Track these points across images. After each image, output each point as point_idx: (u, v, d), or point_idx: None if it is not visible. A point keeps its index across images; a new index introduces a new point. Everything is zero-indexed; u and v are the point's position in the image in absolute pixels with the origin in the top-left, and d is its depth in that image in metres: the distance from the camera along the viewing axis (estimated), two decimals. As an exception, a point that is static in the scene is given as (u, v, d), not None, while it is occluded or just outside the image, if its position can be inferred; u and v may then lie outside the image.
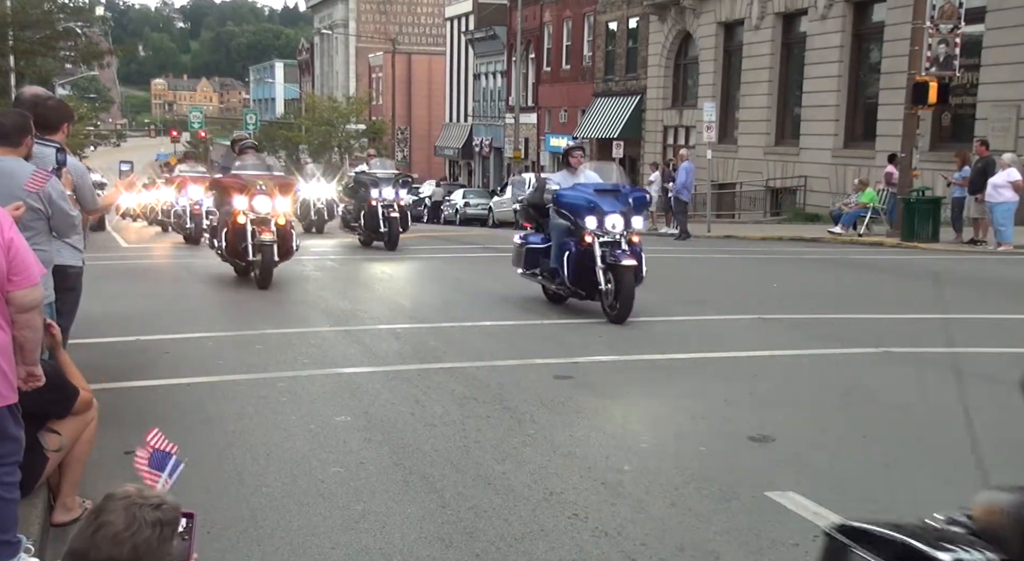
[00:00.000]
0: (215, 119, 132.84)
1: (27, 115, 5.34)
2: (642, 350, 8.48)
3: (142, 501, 2.17)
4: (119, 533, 2.11)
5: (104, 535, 2.11)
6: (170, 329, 9.71)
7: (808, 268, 16.07)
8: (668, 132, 37.08)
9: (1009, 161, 17.33)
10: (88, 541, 2.12)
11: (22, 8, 29.97)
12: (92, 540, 2.12)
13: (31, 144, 5.28)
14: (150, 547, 2.14)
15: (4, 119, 5.20)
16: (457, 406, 6.71)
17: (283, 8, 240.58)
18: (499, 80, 52.71)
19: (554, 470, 5.38)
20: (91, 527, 2.13)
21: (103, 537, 2.11)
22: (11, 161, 5.10)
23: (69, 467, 4.51)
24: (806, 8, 28.28)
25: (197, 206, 19.62)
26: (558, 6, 45.36)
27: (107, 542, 2.10)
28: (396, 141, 60.77)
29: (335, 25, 78.91)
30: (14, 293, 3.66)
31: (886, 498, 4.93)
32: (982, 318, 10.46)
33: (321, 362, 8.16)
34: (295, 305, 11.63)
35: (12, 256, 3.64)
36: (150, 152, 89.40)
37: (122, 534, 2.11)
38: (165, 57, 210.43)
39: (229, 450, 5.76)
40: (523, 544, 4.38)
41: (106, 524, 2.12)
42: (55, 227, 5.45)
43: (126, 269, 16.15)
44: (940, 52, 20.15)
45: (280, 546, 4.37)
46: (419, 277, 15.32)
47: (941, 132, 23.97)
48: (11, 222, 3.76)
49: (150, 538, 2.14)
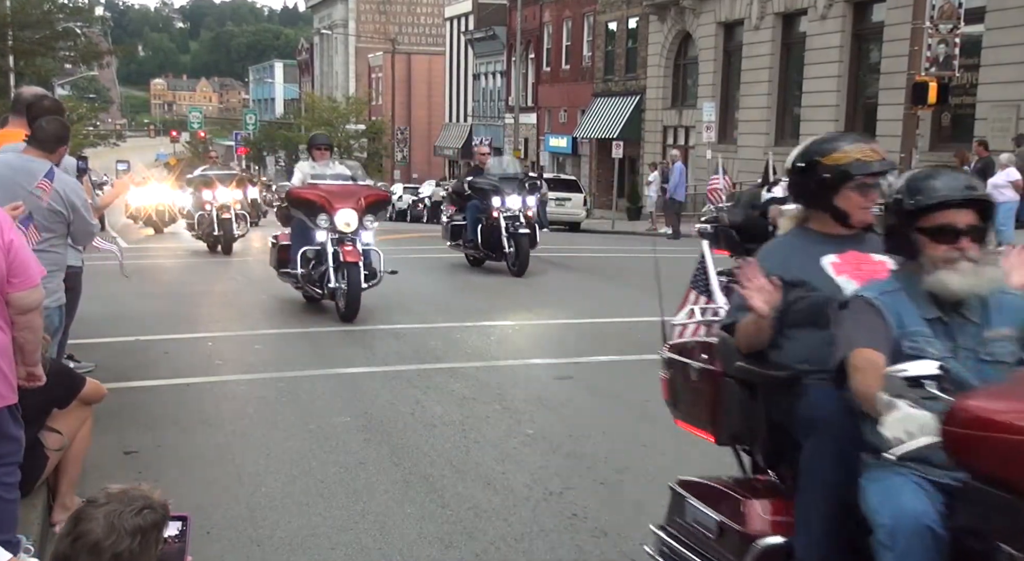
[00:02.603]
0: (214, 119, 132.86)
1: (67, 126, 5.50)
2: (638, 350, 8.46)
3: (122, 508, 2.12)
4: (98, 542, 2.07)
5: (84, 544, 2.07)
6: (170, 329, 9.71)
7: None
8: (668, 132, 37.05)
9: (1007, 161, 17.33)
10: (67, 548, 2.09)
11: (21, 8, 29.95)
12: (71, 548, 2.08)
13: (64, 154, 5.43)
14: (132, 555, 2.10)
15: (47, 125, 5.31)
16: (457, 406, 6.71)
17: (283, 8, 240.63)
18: (499, 80, 52.70)
19: (554, 470, 5.38)
20: (71, 535, 2.10)
21: (82, 546, 2.07)
22: (38, 163, 5.17)
23: (67, 466, 4.51)
24: (806, 8, 28.27)
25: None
26: (558, 6, 45.34)
27: (85, 551, 2.07)
28: (396, 141, 60.79)
29: (335, 25, 78.89)
30: (14, 295, 3.66)
31: (886, 498, 4.92)
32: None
33: (321, 362, 8.16)
34: (295, 305, 11.62)
35: (12, 258, 3.63)
36: (149, 152, 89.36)
37: (102, 544, 2.07)
38: (164, 57, 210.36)
39: (229, 450, 5.76)
40: (523, 544, 4.38)
41: (85, 533, 2.08)
42: (74, 234, 5.51)
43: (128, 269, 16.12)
44: (940, 52, 20.14)
45: (280, 546, 4.37)
46: (418, 277, 15.30)
47: (941, 132, 23.96)
48: (11, 224, 3.76)
49: (131, 546, 2.09)
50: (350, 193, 10.16)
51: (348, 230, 9.82)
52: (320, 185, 10.17)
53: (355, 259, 9.61)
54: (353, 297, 9.68)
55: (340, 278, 9.74)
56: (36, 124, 5.41)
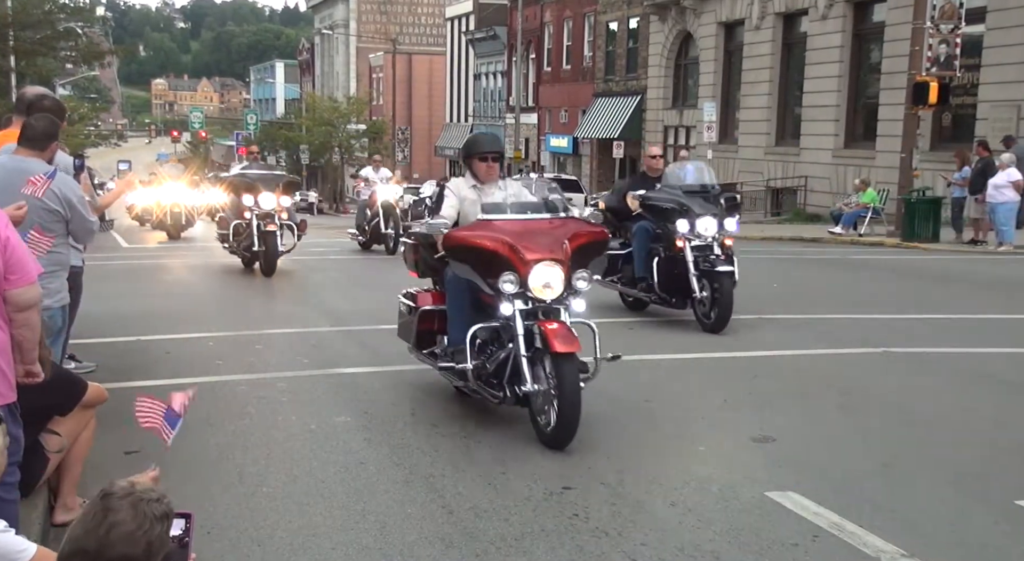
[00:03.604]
0: (215, 119, 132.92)
1: (57, 123, 5.48)
2: (638, 350, 8.47)
3: (144, 496, 2.20)
4: (132, 531, 2.16)
5: (118, 534, 2.14)
6: (170, 329, 9.72)
7: (808, 268, 16.07)
8: (668, 132, 37.06)
9: (1008, 161, 17.32)
10: (101, 541, 2.14)
11: (23, 8, 30.00)
12: (106, 539, 2.14)
13: (55, 150, 5.41)
14: (162, 542, 2.21)
15: (36, 123, 5.31)
16: (458, 406, 6.72)
17: (283, 8, 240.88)
18: (499, 80, 52.71)
19: (554, 470, 5.38)
20: (102, 527, 2.15)
21: (117, 536, 2.14)
22: (34, 163, 5.17)
23: (69, 467, 4.51)
24: (806, 8, 28.27)
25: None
26: (558, 6, 45.34)
27: (121, 541, 2.14)
28: (396, 141, 60.79)
29: (335, 25, 78.89)
30: (11, 292, 3.66)
31: (886, 498, 4.93)
32: (982, 318, 10.47)
33: (321, 362, 8.16)
34: (295, 305, 11.63)
35: (8, 255, 3.63)
36: (150, 152, 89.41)
37: (136, 533, 2.16)
38: (166, 57, 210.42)
39: (229, 450, 5.76)
40: (523, 544, 4.38)
41: (118, 523, 2.16)
42: (73, 231, 5.52)
43: (127, 269, 16.15)
44: (940, 52, 20.15)
45: (280, 546, 4.37)
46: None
47: (941, 132, 23.97)
48: (7, 221, 3.75)
49: (160, 532, 2.20)
50: (549, 236, 6.16)
51: (549, 297, 6.03)
52: (495, 222, 6.20)
53: (569, 348, 5.74)
54: (569, 420, 5.68)
55: (544, 377, 5.88)
56: (25, 122, 5.42)
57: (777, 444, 5.85)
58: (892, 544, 4.32)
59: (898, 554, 4.24)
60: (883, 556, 4.22)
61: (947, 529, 4.57)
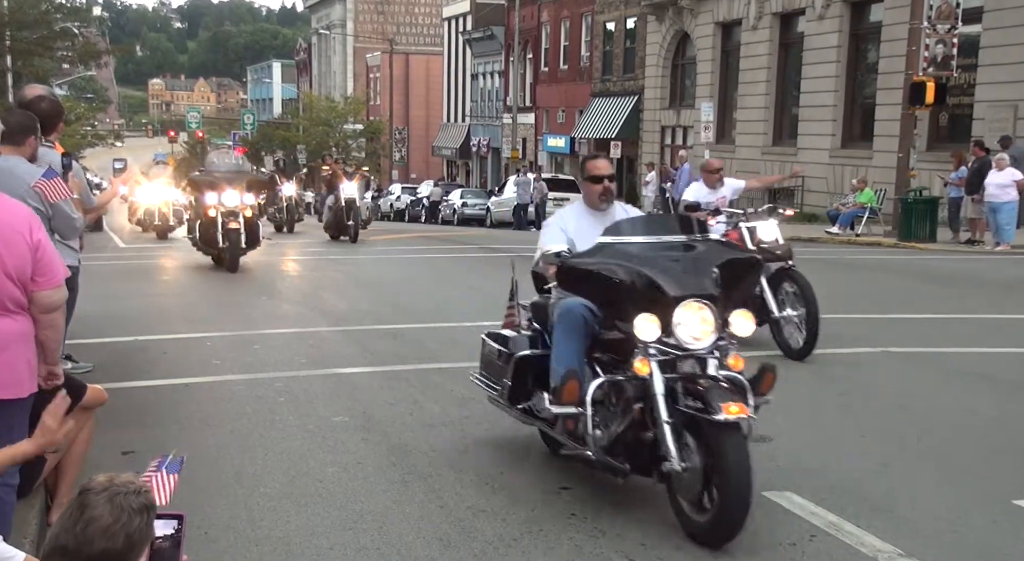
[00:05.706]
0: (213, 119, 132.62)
1: (33, 116, 5.41)
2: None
3: (123, 489, 2.17)
4: (110, 525, 2.12)
5: (95, 529, 2.11)
6: (169, 329, 9.71)
7: (805, 268, 16.00)
8: (666, 132, 37.08)
9: (1009, 162, 17.31)
10: (79, 537, 2.11)
11: (19, 8, 29.94)
12: (84, 535, 2.11)
13: (35, 145, 5.34)
14: (142, 534, 2.16)
15: (9, 118, 5.26)
16: (456, 406, 6.71)
17: (280, 8, 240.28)
18: (497, 80, 52.70)
19: (552, 470, 5.38)
20: (79, 524, 2.12)
21: (94, 531, 2.11)
22: (15, 160, 5.13)
23: (67, 467, 4.51)
24: (804, 8, 28.28)
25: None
26: (556, 6, 45.34)
27: (99, 536, 2.11)
28: (394, 141, 60.78)
29: (333, 25, 78.86)
30: (38, 293, 3.68)
31: (885, 498, 4.93)
32: (982, 318, 10.47)
33: (319, 362, 8.16)
34: (293, 305, 11.62)
35: (39, 257, 3.66)
36: (147, 152, 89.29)
37: (112, 526, 2.12)
38: (162, 57, 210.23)
39: (227, 450, 5.75)
40: (521, 544, 4.38)
41: (95, 518, 2.12)
42: (56, 229, 5.49)
43: (126, 269, 16.12)
44: (937, 52, 20.17)
45: (278, 546, 4.37)
46: (416, 277, 15.30)
47: (938, 132, 23.98)
48: (39, 223, 3.78)
49: (140, 525, 2.16)
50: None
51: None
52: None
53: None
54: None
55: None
56: (2, 118, 5.37)
57: (775, 444, 5.84)
58: (890, 544, 4.33)
59: (896, 554, 4.24)
60: (881, 556, 4.22)
61: (945, 529, 4.57)
